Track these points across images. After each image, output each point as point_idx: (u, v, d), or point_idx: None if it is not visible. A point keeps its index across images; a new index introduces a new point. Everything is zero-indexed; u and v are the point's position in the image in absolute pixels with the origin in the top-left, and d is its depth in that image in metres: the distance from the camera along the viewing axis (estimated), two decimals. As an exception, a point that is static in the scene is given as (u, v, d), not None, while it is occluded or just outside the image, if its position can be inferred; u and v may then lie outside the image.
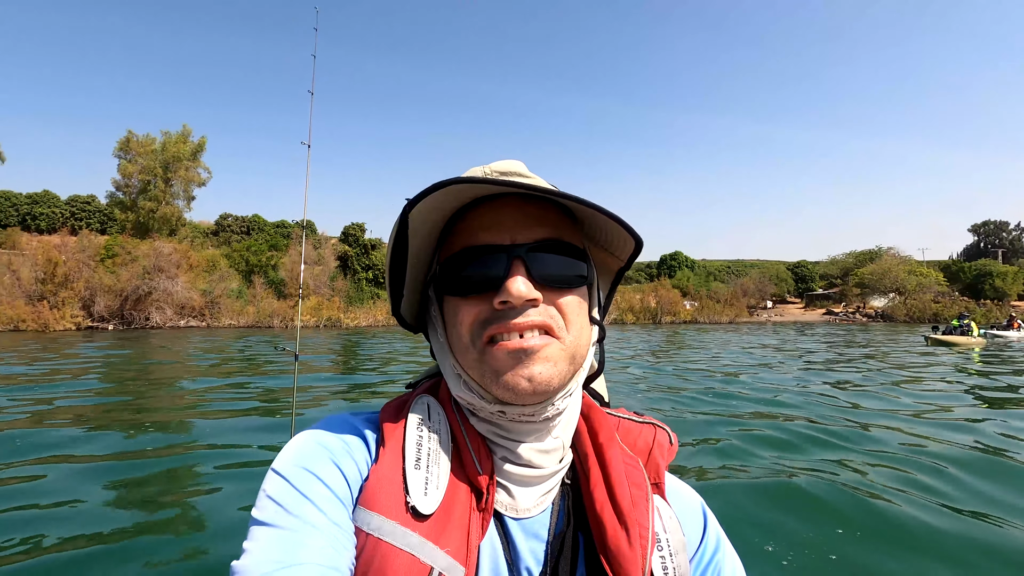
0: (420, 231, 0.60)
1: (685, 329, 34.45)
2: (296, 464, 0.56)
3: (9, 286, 25.59)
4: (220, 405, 7.03)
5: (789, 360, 13.73)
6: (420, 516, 0.53)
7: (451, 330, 0.62)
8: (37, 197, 66.74)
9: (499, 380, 0.57)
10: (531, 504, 0.60)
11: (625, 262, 0.69)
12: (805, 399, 7.72)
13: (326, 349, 16.55)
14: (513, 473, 0.60)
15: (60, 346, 16.03)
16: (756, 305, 64.37)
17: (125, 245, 32.70)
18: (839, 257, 78.12)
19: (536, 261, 0.58)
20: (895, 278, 57.08)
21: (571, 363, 0.59)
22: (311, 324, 33.66)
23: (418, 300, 0.69)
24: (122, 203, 47.50)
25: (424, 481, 0.55)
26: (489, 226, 0.60)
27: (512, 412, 0.59)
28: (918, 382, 9.68)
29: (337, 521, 0.53)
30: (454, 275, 0.60)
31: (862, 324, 47.50)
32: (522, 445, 0.60)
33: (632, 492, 0.60)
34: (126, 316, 28.37)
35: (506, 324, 0.56)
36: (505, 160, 0.63)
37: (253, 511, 0.54)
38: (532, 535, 0.59)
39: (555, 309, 0.59)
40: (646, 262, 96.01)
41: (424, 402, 0.64)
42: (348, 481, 0.56)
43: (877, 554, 3.01)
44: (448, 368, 0.63)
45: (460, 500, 0.56)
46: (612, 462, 0.61)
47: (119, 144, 46.87)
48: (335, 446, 0.59)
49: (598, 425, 0.65)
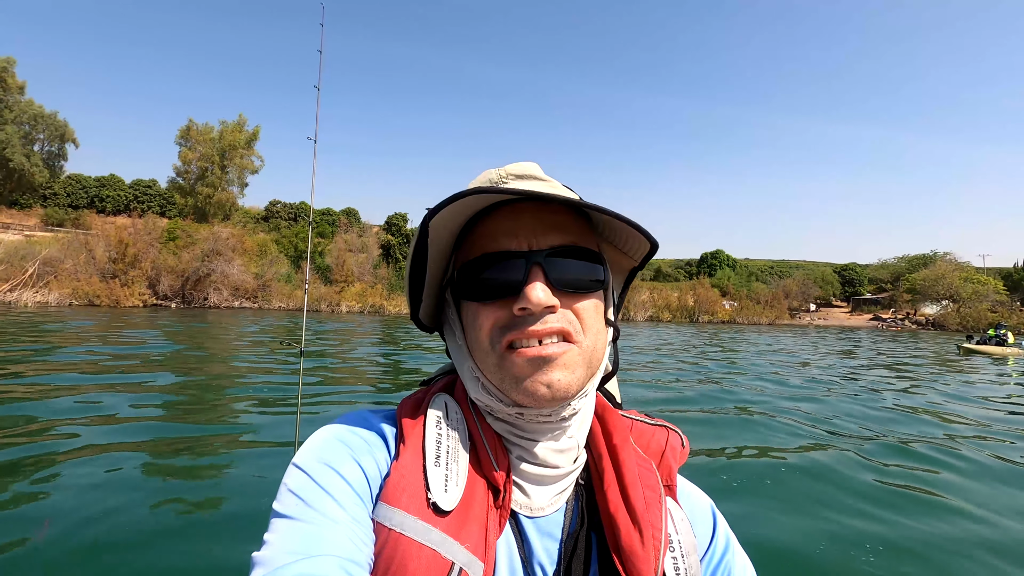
0: (439, 237, 0.61)
1: (723, 330, 34.11)
2: (317, 459, 0.57)
3: (85, 264, 27.73)
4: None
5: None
6: (441, 512, 0.54)
7: (470, 333, 0.63)
8: (105, 180, 70.83)
9: (519, 387, 0.58)
10: (545, 503, 0.61)
11: (639, 262, 0.70)
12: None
13: (337, 339, 17.28)
14: (528, 472, 0.61)
15: (145, 321, 17.41)
16: (798, 308, 62.79)
17: (186, 228, 34.80)
18: (890, 261, 75.14)
19: (554, 267, 0.59)
20: (949, 285, 54.67)
21: (588, 367, 0.61)
22: (355, 310, 35.05)
23: (435, 301, 0.71)
24: (182, 188, 50.27)
25: (444, 478, 0.56)
26: (507, 232, 0.60)
27: (529, 414, 0.60)
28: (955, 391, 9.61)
29: (356, 516, 0.54)
30: (473, 280, 0.61)
31: (911, 331, 45.81)
32: (538, 444, 0.61)
33: (645, 494, 0.62)
34: (187, 296, 30.29)
35: (525, 331, 0.57)
36: (520, 162, 0.64)
37: (274, 504, 0.55)
38: (546, 534, 0.60)
39: (573, 314, 0.60)
40: (686, 259, 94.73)
41: (442, 400, 0.65)
42: (368, 477, 0.58)
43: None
44: (466, 370, 0.64)
45: (478, 497, 0.57)
46: (626, 463, 0.63)
47: (180, 132, 49.57)
48: (355, 443, 0.60)
49: (612, 427, 0.67)
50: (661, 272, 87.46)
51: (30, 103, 45.50)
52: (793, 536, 3.11)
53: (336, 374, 8.55)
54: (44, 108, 46.30)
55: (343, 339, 15.09)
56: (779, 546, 2.98)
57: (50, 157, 48.43)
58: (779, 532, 3.15)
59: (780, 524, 3.27)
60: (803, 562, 2.83)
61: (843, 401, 7.76)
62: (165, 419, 5.19)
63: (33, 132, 45.95)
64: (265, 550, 0.50)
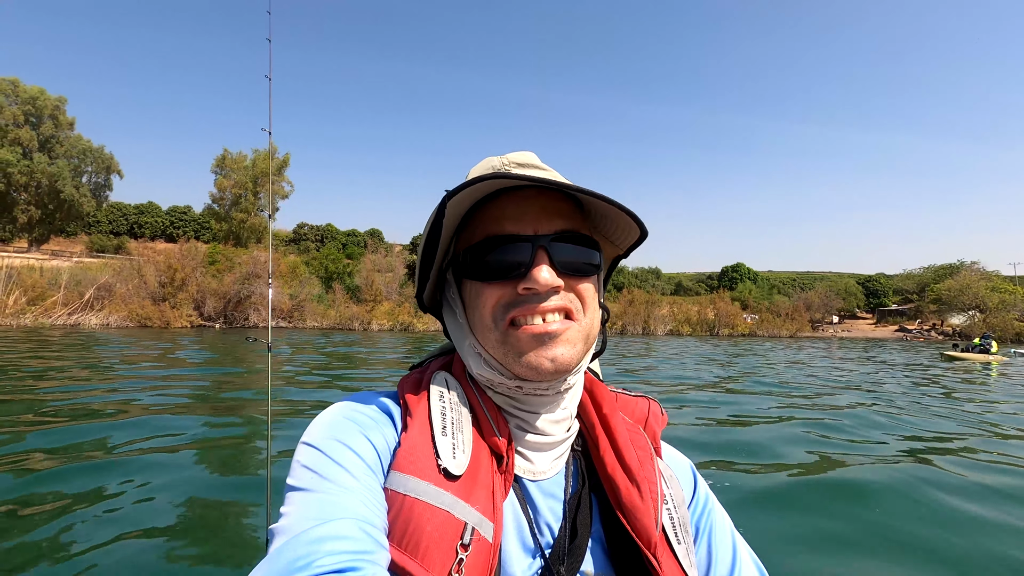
0: (449, 218, 0.63)
1: (745, 342, 34.62)
2: (327, 436, 0.60)
3: (136, 288, 29.71)
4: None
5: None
6: (451, 477, 0.58)
7: (471, 312, 0.66)
8: (143, 208, 74.59)
9: (522, 360, 0.61)
10: (546, 467, 0.66)
11: (624, 251, 0.74)
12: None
13: (314, 349, 18.41)
14: (528, 440, 0.65)
15: (222, 342, 18.91)
16: (821, 320, 62.51)
17: (225, 253, 36.82)
18: (916, 271, 74.26)
19: (558, 250, 0.63)
20: (975, 295, 54.09)
21: (586, 343, 0.65)
22: (386, 328, 36.52)
23: (435, 282, 0.73)
24: (217, 214, 52.80)
25: (452, 446, 0.60)
26: (513, 217, 0.64)
27: (529, 387, 0.64)
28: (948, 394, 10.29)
29: (369, 486, 0.56)
30: (478, 261, 0.64)
31: (937, 343, 45.52)
32: (535, 415, 0.66)
33: (638, 454, 0.67)
34: (228, 316, 32.07)
35: (531, 307, 0.61)
36: (519, 151, 0.68)
37: (288, 480, 0.57)
38: (549, 495, 0.65)
39: (574, 294, 0.64)
40: (707, 273, 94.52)
41: (442, 377, 0.68)
42: (377, 451, 0.60)
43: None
44: (467, 347, 0.68)
45: (484, 463, 0.61)
46: (617, 428, 0.69)
47: (216, 161, 52.22)
48: (362, 419, 0.63)
49: (601, 398, 0.72)
50: (682, 286, 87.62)
51: (79, 138, 48.57)
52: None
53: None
54: (92, 143, 49.30)
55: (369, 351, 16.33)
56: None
57: (96, 188, 51.41)
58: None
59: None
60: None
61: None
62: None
63: (82, 165, 48.93)
64: (283, 520, 0.53)
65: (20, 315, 25.44)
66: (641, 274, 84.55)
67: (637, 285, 64.48)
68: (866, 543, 3.07)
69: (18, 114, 44.51)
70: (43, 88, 46.42)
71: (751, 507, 3.53)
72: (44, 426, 5.08)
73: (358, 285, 41.39)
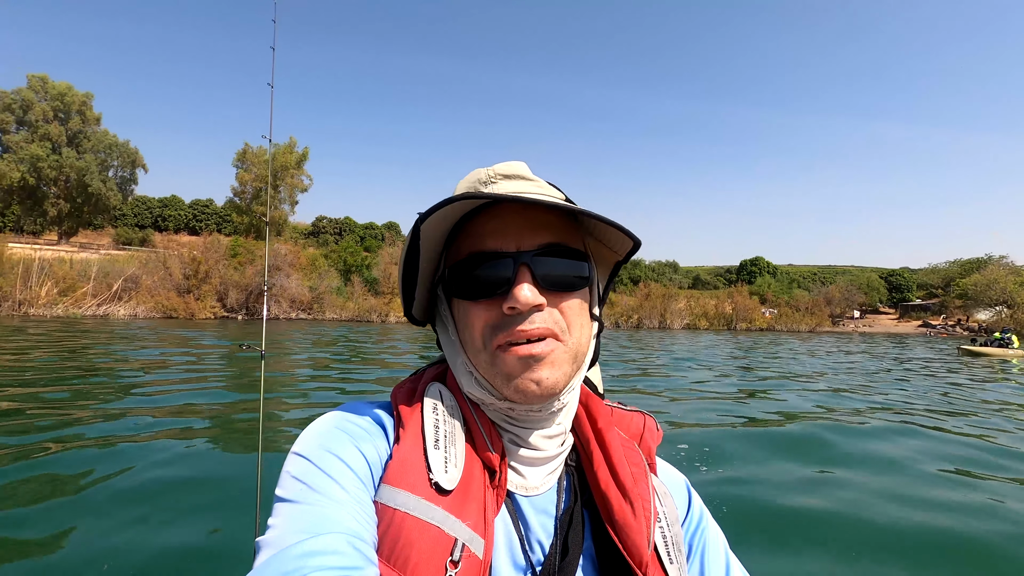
0: (431, 237, 0.63)
1: (765, 337, 34.34)
2: (317, 446, 0.59)
3: (162, 280, 30.51)
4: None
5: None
6: (443, 492, 0.57)
7: (463, 331, 0.65)
8: (167, 201, 76.14)
9: (510, 384, 0.60)
10: (539, 482, 0.65)
11: (623, 256, 0.72)
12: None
13: (317, 343, 18.72)
14: (521, 455, 0.64)
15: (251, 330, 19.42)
16: (841, 315, 61.58)
17: (246, 245, 37.53)
18: (941, 265, 72.69)
19: (540, 266, 0.61)
20: (1003, 289, 52.79)
21: (574, 363, 0.63)
22: (403, 320, 36.91)
23: (428, 297, 0.73)
24: (238, 207, 53.69)
25: (444, 460, 0.59)
26: (495, 232, 0.63)
27: (520, 409, 0.63)
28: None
29: (359, 499, 0.55)
30: (463, 279, 0.64)
31: (961, 338, 44.60)
32: (528, 432, 0.65)
33: (632, 471, 0.67)
34: (250, 308, 32.76)
35: (514, 331, 0.59)
36: (508, 162, 0.67)
37: (277, 491, 0.56)
38: (541, 511, 0.64)
39: (559, 313, 0.62)
40: (725, 267, 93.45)
41: (436, 388, 0.68)
42: (368, 462, 0.59)
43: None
44: (459, 365, 0.67)
45: (476, 478, 0.60)
46: (612, 444, 0.68)
47: (237, 155, 52.91)
48: (354, 430, 0.62)
49: (596, 413, 0.71)
50: (700, 280, 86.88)
51: (105, 133, 49.70)
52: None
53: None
54: (118, 138, 50.41)
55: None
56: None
57: (122, 182, 52.60)
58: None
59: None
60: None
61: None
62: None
63: (108, 159, 50.08)
64: (270, 533, 0.52)
65: (52, 305, 26.36)
66: (658, 267, 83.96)
67: (654, 278, 63.95)
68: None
69: (47, 110, 45.73)
70: (71, 84, 47.60)
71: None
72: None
73: (376, 278, 41.90)
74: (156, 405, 6.13)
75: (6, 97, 44.50)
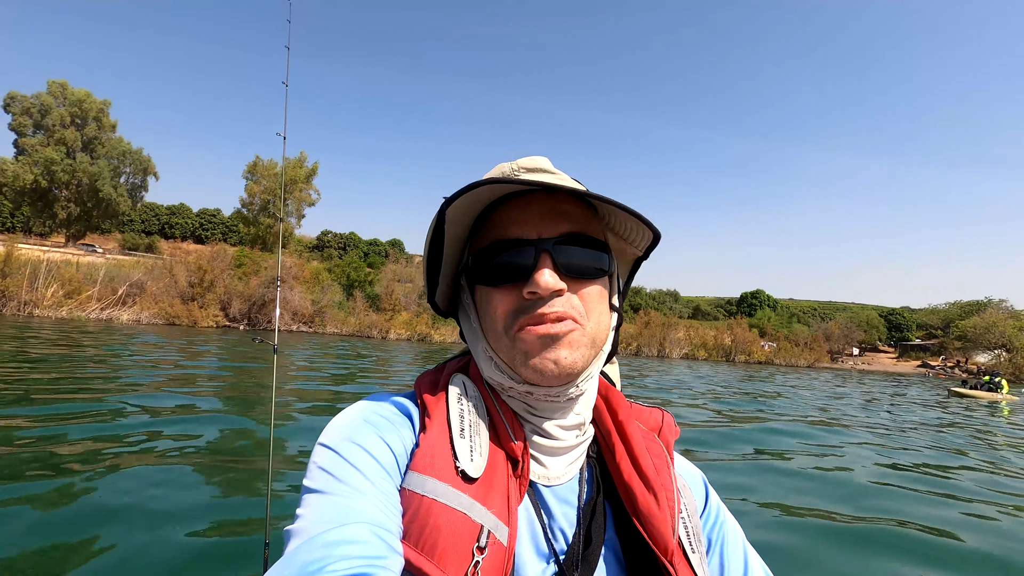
0: (455, 225, 0.65)
1: (766, 371, 34.37)
2: (343, 438, 0.60)
3: (167, 287, 30.77)
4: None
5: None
6: (469, 479, 0.58)
7: (484, 317, 0.67)
8: (174, 209, 76.83)
9: (528, 363, 0.62)
10: (561, 472, 0.66)
11: (643, 252, 0.73)
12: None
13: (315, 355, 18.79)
14: (542, 444, 0.66)
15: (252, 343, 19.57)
16: (840, 351, 61.58)
17: (251, 256, 37.86)
18: (941, 306, 72.92)
19: (561, 254, 0.63)
20: (1002, 333, 52.96)
21: (592, 347, 0.65)
22: (404, 337, 37.07)
23: (450, 288, 0.75)
24: (245, 218, 54.23)
25: (469, 449, 0.60)
26: (518, 221, 0.65)
27: (539, 392, 0.64)
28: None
29: (384, 489, 0.57)
30: (486, 266, 0.66)
31: (960, 380, 44.56)
32: (547, 421, 0.66)
33: (654, 462, 0.67)
34: (252, 318, 32.93)
35: (534, 314, 0.61)
36: (531, 156, 0.69)
37: (304, 481, 0.58)
38: (563, 501, 0.65)
39: (578, 299, 0.64)
40: (726, 298, 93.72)
41: (459, 379, 0.69)
42: (394, 453, 0.61)
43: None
44: (480, 351, 0.68)
45: (499, 467, 0.61)
46: (633, 436, 0.69)
47: (248, 167, 53.74)
48: (379, 421, 0.64)
49: (616, 404, 0.72)
50: (700, 310, 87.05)
51: (119, 140, 50.52)
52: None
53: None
54: (132, 145, 51.26)
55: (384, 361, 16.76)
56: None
57: (133, 188, 53.28)
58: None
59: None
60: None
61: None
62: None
63: (121, 166, 50.83)
64: (299, 523, 0.53)
65: (58, 307, 26.53)
66: (659, 296, 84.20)
67: (655, 307, 64.22)
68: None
69: (65, 115, 46.60)
70: (90, 91, 48.57)
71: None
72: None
73: (378, 294, 42.12)
74: (158, 404, 6.31)
75: (25, 101, 45.47)
